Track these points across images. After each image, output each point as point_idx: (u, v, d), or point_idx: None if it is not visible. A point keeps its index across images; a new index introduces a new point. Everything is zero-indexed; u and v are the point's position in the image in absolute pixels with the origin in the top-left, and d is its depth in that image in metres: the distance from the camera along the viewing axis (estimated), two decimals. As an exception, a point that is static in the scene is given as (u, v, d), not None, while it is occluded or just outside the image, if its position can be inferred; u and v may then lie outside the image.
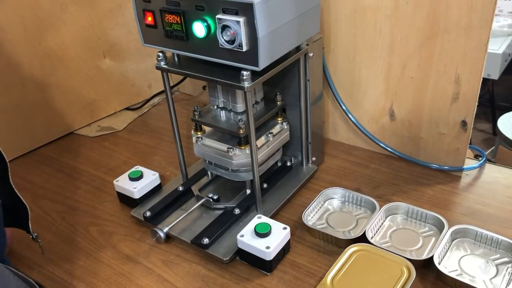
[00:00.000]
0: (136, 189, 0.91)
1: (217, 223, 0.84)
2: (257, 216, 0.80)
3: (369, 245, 0.76)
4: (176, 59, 0.84)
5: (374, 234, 0.80)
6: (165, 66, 0.83)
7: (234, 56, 0.72)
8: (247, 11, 0.67)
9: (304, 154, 0.97)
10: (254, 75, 0.74)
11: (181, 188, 0.93)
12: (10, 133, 1.11)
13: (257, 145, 0.84)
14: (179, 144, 0.93)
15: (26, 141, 1.15)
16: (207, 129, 0.91)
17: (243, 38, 0.69)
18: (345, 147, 1.08)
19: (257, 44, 0.69)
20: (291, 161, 0.98)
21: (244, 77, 0.72)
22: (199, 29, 0.73)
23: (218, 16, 0.70)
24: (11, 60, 1.07)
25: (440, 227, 0.79)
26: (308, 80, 0.89)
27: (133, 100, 1.33)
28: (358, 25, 0.93)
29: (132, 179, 0.93)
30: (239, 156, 0.85)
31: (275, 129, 0.90)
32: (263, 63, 0.71)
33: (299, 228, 0.85)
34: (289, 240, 0.79)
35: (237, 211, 0.85)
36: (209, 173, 0.96)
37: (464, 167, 0.93)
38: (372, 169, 0.99)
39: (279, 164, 0.97)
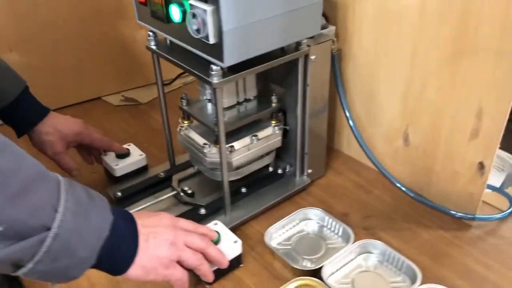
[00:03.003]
0: (118, 167, 0.89)
1: (179, 219, 0.80)
2: (213, 222, 0.75)
3: (319, 281, 0.67)
4: (168, 42, 0.79)
5: (335, 271, 0.70)
6: (153, 47, 0.79)
7: (203, 47, 0.66)
8: (215, -1, 0.60)
9: (298, 165, 0.88)
10: (229, 71, 0.67)
11: (162, 175, 0.90)
12: (39, 89, 1.15)
13: (232, 146, 0.78)
14: (167, 129, 0.89)
15: (54, 98, 1.19)
16: (195, 121, 0.86)
17: (210, 29, 0.62)
18: (356, 165, 0.96)
19: (222, 38, 0.62)
20: (285, 169, 0.90)
21: (213, 72, 0.66)
22: (175, 12, 0.68)
23: (191, 1, 0.64)
24: (47, 20, 1.10)
25: (414, 281, 0.67)
26: (308, 85, 0.79)
27: (166, 76, 1.31)
28: (379, 30, 0.81)
29: (118, 156, 0.91)
30: (214, 154, 0.79)
31: (263, 133, 0.82)
32: (229, 60, 0.64)
33: (262, 244, 0.77)
34: (240, 255, 0.72)
35: (202, 211, 0.80)
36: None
37: (476, 215, 0.78)
38: (374, 196, 0.88)
39: (271, 169, 0.90)
